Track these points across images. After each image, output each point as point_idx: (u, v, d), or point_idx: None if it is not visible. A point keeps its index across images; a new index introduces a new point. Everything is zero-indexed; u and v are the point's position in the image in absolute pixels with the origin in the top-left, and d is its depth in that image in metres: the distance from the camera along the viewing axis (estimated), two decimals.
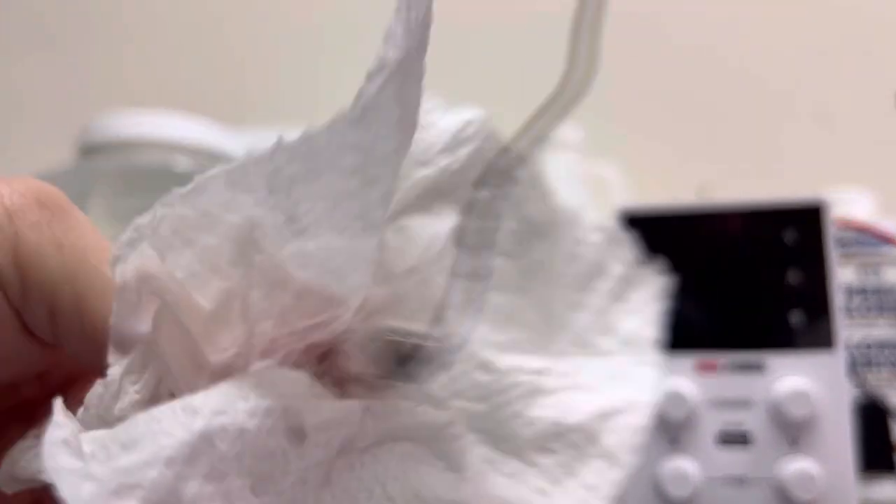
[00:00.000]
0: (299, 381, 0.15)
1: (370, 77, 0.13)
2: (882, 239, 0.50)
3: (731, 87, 0.88)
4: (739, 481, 0.34)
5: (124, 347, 0.16)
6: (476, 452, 0.17)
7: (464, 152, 0.19)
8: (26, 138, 0.83)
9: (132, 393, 0.15)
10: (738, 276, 0.36)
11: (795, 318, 0.35)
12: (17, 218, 0.16)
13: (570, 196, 0.64)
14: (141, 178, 0.55)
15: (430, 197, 0.18)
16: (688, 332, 0.35)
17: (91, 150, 0.59)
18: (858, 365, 0.51)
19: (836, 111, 0.86)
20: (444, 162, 0.18)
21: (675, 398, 0.34)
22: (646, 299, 0.22)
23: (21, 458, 0.16)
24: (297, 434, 0.14)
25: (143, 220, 0.16)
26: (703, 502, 0.34)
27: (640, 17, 0.91)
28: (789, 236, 0.35)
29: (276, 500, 0.14)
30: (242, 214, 0.14)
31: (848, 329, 0.51)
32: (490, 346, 0.18)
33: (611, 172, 0.68)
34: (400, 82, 0.14)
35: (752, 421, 0.34)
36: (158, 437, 0.13)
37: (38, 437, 0.14)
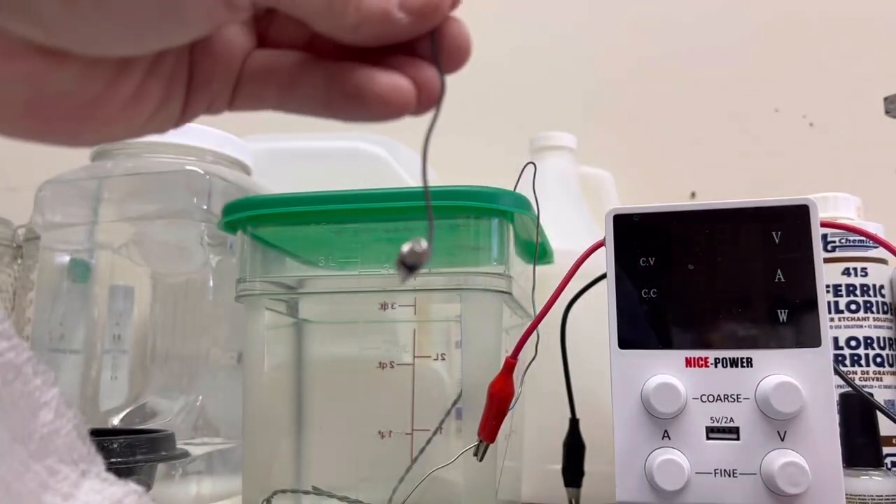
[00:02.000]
0: None
1: None
2: (868, 239, 0.51)
3: (722, 95, 0.89)
4: (729, 474, 0.35)
5: None
6: None
7: None
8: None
9: None
10: (728, 276, 0.36)
11: (783, 316, 0.36)
12: None
13: (564, 197, 0.64)
14: (151, 181, 0.56)
15: None
16: (679, 328, 0.36)
17: (104, 155, 0.60)
18: (845, 362, 0.52)
19: (825, 118, 0.87)
20: None
21: (666, 392, 0.35)
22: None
23: None
24: None
25: None
26: (693, 494, 0.35)
27: (635, 27, 0.92)
28: (777, 236, 0.36)
29: None
30: None
31: (835, 327, 0.52)
32: None
33: (604, 177, 0.69)
34: None
35: (741, 415, 0.35)
36: None
37: None
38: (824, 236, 0.52)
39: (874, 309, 0.52)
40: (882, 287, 0.53)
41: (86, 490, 0.22)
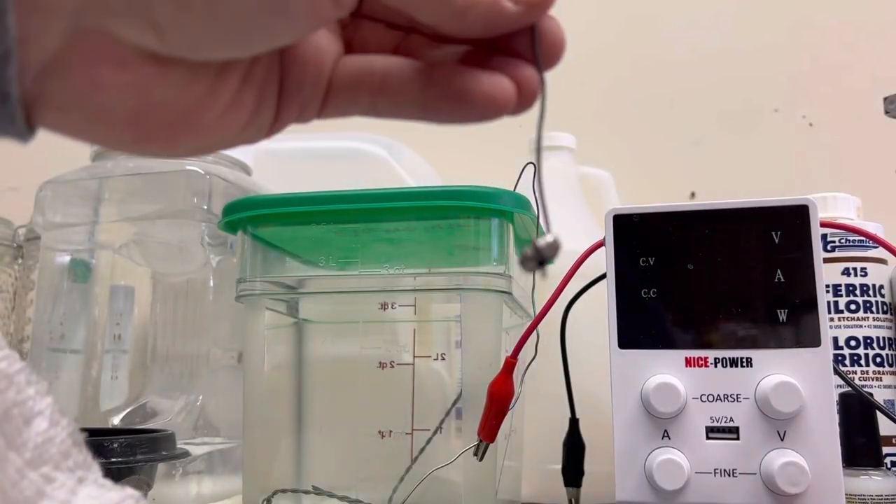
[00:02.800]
0: None
1: None
2: (868, 239, 0.51)
3: (722, 95, 0.89)
4: (728, 474, 0.35)
5: None
6: None
7: None
8: (43, 143, 0.84)
9: None
10: (728, 276, 0.36)
11: (783, 316, 0.36)
12: None
13: (564, 197, 0.64)
14: (152, 182, 0.56)
15: None
16: (679, 328, 0.36)
17: (104, 155, 0.60)
18: (845, 362, 0.52)
19: (825, 118, 0.87)
20: None
21: (666, 392, 0.35)
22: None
23: None
24: None
25: None
26: (692, 494, 0.35)
27: (635, 28, 0.92)
28: (777, 236, 0.36)
29: None
30: None
31: (834, 327, 0.52)
32: None
33: (604, 177, 0.69)
34: None
35: (741, 415, 0.35)
36: None
37: None
38: (824, 236, 0.52)
39: (874, 309, 0.52)
40: (882, 287, 0.53)
41: (83, 496, 0.22)
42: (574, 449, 0.46)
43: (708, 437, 0.35)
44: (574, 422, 0.46)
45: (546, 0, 0.23)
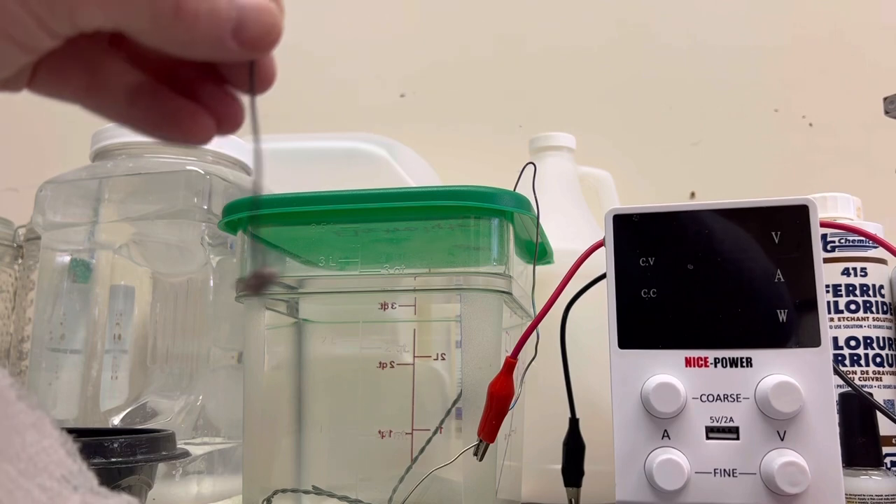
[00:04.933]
0: None
1: None
2: (868, 239, 0.51)
3: (722, 95, 0.89)
4: (728, 474, 0.35)
5: None
6: None
7: None
8: (43, 144, 0.84)
9: None
10: (728, 275, 0.36)
11: (783, 316, 0.36)
12: None
13: (564, 197, 0.64)
14: (152, 182, 0.56)
15: None
16: (679, 328, 0.36)
17: (104, 155, 0.60)
18: (844, 362, 0.52)
19: (825, 118, 0.87)
20: None
21: (666, 392, 0.35)
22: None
23: None
24: None
25: None
26: (692, 494, 0.35)
27: (635, 28, 0.92)
28: (777, 236, 0.36)
29: None
30: None
31: (834, 327, 0.52)
32: None
33: (604, 177, 0.69)
34: None
35: (740, 415, 0.35)
36: None
37: None
38: (824, 236, 0.52)
39: (874, 309, 0.52)
40: (882, 287, 0.53)
41: None
42: (574, 449, 0.46)
43: (708, 437, 0.35)
44: (574, 422, 0.46)
45: (266, 44, 0.24)
